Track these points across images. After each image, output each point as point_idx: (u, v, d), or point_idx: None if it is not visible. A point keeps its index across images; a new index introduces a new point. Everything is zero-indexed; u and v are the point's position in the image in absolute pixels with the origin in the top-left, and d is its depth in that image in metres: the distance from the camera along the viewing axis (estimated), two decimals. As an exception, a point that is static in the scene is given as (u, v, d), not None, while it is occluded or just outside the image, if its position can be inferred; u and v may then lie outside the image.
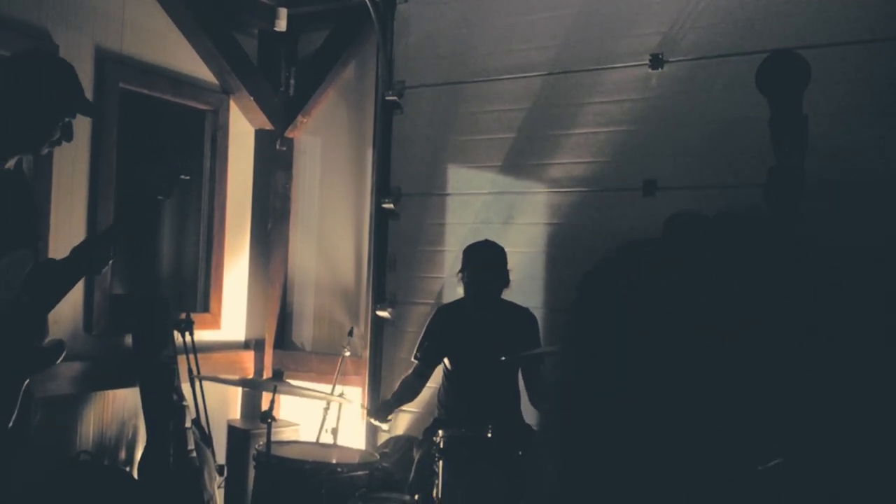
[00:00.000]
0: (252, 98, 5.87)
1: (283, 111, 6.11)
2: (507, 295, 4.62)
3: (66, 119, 3.13)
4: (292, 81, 6.12)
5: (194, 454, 5.01)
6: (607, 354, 4.46)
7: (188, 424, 5.04)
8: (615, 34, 4.86)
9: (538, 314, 4.71)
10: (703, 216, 4.09)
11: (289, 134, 6.17)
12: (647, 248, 4.43)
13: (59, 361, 3.09)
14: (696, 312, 4.09)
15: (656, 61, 4.71)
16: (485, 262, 4.51)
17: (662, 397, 4.25)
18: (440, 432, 3.98)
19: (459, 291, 4.69)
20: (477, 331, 4.55)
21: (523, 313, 4.66)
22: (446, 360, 4.64)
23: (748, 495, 2.51)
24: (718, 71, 4.53)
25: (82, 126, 4.89)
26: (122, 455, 5.20)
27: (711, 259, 4.07)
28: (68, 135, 3.15)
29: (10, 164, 3.11)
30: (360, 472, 4.18)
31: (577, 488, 4.58)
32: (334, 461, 4.26)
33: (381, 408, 4.69)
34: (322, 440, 4.83)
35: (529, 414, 4.63)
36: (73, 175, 4.86)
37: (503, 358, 4.29)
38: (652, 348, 4.28)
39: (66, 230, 4.75)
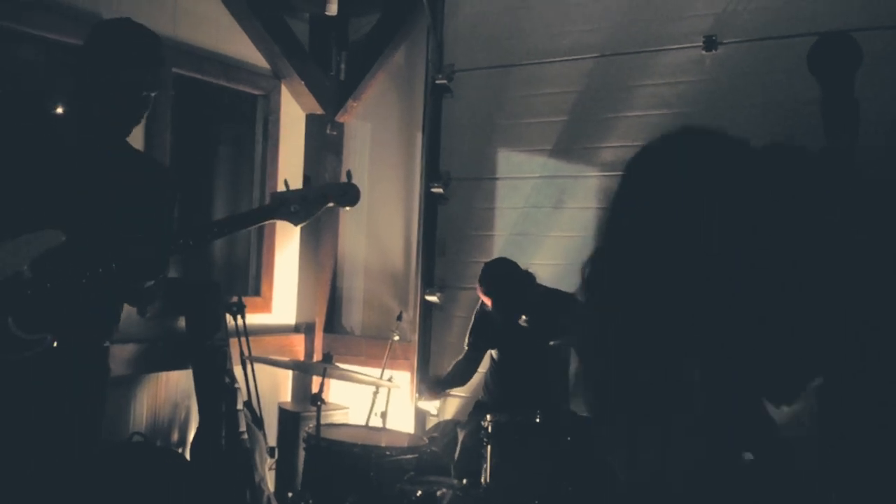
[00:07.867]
0: (303, 82, 5.89)
1: (333, 95, 6.11)
2: (557, 280, 4.58)
3: (144, 93, 3.11)
4: (343, 66, 6.13)
5: (246, 436, 5.05)
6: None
7: (240, 406, 5.08)
8: (668, 16, 4.79)
9: (589, 299, 4.67)
10: None
11: (339, 118, 6.17)
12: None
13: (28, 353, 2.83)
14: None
15: (710, 43, 4.64)
16: (500, 288, 4.54)
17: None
18: (488, 417, 3.98)
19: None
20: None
21: (569, 300, 4.62)
22: (493, 349, 4.64)
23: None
24: (772, 53, 4.44)
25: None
26: (175, 436, 5.26)
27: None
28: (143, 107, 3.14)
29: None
30: (408, 456, 4.21)
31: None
32: (383, 445, 4.28)
33: (434, 382, 4.71)
34: (371, 424, 4.85)
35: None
36: (126, 159, 4.90)
37: (551, 343, 4.28)
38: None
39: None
